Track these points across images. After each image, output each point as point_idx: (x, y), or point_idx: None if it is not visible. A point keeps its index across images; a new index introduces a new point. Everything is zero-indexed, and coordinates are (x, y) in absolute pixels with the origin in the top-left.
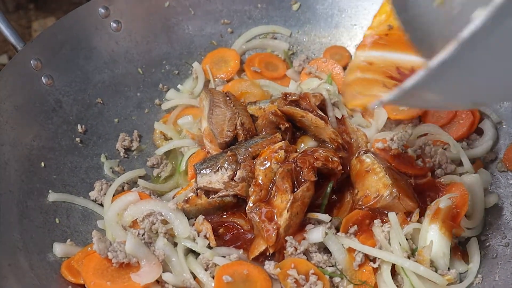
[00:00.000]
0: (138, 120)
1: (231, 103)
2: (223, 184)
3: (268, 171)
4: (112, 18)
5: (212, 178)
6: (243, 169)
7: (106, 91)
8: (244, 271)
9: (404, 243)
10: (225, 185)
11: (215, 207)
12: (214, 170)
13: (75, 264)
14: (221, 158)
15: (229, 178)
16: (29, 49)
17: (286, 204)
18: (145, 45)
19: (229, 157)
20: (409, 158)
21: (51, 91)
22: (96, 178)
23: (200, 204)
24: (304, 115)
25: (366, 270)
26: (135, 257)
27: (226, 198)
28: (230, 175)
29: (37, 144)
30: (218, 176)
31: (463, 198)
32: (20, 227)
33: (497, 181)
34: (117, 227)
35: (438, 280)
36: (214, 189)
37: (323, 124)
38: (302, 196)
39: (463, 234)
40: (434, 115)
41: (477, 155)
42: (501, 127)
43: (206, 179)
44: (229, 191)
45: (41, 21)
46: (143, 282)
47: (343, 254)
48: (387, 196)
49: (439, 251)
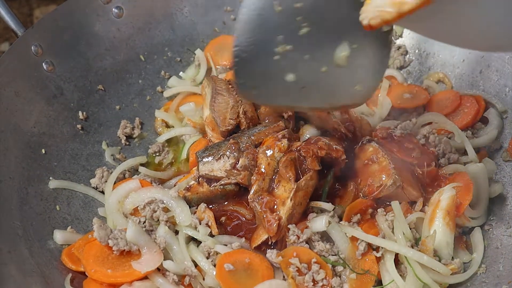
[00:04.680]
0: (139, 107)
1: (233, 91)
2: (225, 172)
3: (271, 160)
4: (114, 4)
5: (214, 166)
6: (246, 157)
7: (107, 77)
8: (246, 260)
9: (408, 232)
10: (227, 173)
11: (217, 195)
12: (216, 158)
13: (75, 251)
14: (224, 146)
15: (231, 166)
16: (30, 35)
17: (289, 193)
18: (147, 32)
19: (231, 145)
20: (409, 147)
21: (52, 78)
22: (97, 166)
23: (201, 192)
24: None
25: (369, 259)
26: (136, 244)
27: (227, 186)
28: (232, 163)
29: (38, 131)
30: (220, 164)
31: (467, 188)
32: (20, 214)
33: (502, 171)
34: (118, 214)
35: (442, 269)
36: (216, 177)
37: (324, 114)
38: (306, 185)
39: (467, 224)
40: (439, 104)
41: (481, 144)
42: (507, 116)
43: (208, 167)
44: (231, 179)
45: (43, 8)
46: (144, 270)
47: (346, 243)
48: (390, 185)
49: (443, 241)
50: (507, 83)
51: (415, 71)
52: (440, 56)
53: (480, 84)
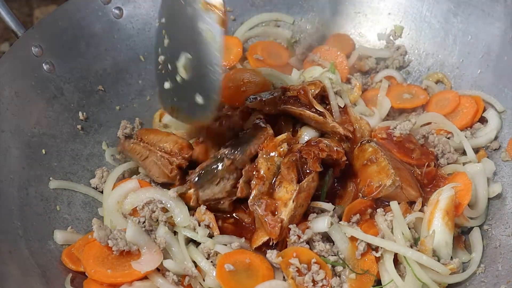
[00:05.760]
0: (139, 107)
1: (144, 145)
2: (226, 193)
3: (270, 165)
4: (114, 4)
5: (215, 190)
6: (246, 176)
7: (107, 78)
8: (246, 260)
9: (407, 232)
10: (228, 194)
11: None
12: (215, 182)
13: (75, 251)
14: (220, 169)
15: (231, 187)
16: (30, 36)
17: (291, 194)
18: (147, 32)
19: (228, 168)
20: (409, 147)
21: (52, 78)
22: (97, 166)
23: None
24: (302, 113)
25: (368, 259)
26: (135, 244)
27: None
28: (232, 184)
29: (38, 131)
30: (220, 187)
31: (466, 188)
32: (21, 214)
33: (501, 171)
34: (117, 215)
35: (441, 269)
36: (217, 199)
37: (322, 119)
38: (308, 186)
39: (466, 224)
40: (438, 104)
41: (480, 145)
42: (506, 116)
43: (208, 193)
44: (232, 197)
45: (43, 8)
46: (143, 269)
47: (346, 243)
48: (389, 185)
49: (442, 241)
50: (506, 83)
51: (414, 71)
52: (439, 56)
53: (479, 84)
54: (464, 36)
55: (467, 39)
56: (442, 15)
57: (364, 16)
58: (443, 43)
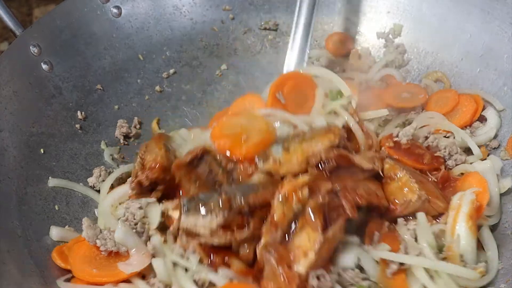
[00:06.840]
0: (138, 106)
1: None
2: (209, 231)
3: (287, 211)
4: (112, 3)
5: (199, 221)
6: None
7: (106, 77)
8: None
9: (433, 242)
10: (211, 233)
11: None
12: (202, 212)
13: (66, 250)
14: (213, 199)
15: (217, 227)
16: (28, 35)
17: (314, 244)
18: (146, 31)
19: (223, 202)
20: (420, 153)
21: (50, 77)
22: (96, 165)
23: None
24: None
25: (398, 277)
26: (124, 246)
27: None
28: (219, 223)
29: (37, 131)
30: (206, 220)
31: (482, 187)
32: (19, 213)
33: (501, 169)
34: (111, 217)
35: (472, 275)
36: (197, 233)
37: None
38: (333, 237)
39: (485, 224)
40: (437, 103)
41: (480, 143)
42: (505, 115)
43: (191, 221)
44: (213, 240)
45: (42, 8)
46: (128, 270)
47: (376, 266)
48: (415, 200)
49: (467, 245)
50: (506, 82)
51: (413, 70)
52: (438, 55)
53: (478, 83)
54: (463, 35)
55: (467, 37)
56: (442, 14)
57: (363, 14)
58: (442, 42)
